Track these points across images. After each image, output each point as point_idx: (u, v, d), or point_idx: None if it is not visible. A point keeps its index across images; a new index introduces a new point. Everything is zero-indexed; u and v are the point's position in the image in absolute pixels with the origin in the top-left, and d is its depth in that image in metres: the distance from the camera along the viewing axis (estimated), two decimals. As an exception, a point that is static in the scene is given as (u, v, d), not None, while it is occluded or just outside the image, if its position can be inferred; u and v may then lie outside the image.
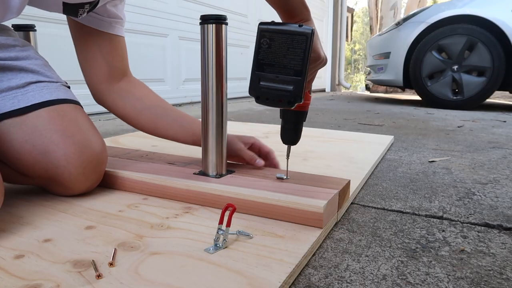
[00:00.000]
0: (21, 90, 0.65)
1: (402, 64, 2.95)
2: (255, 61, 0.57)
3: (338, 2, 5.52)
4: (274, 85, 0.56)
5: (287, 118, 0.67)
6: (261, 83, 0.57)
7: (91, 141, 0.67)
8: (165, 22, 2.46)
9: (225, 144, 0.73)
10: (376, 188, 0.85)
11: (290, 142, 0.69)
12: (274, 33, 0.55)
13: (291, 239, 0.54)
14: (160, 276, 0.44)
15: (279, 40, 0.55)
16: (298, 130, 0.68)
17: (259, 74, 0.57)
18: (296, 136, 0.68)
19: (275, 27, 0.55)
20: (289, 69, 0.56)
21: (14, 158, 0.64)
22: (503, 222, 0.66)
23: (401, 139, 1.49)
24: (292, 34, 0.55)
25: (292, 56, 0.55)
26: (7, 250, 0.50)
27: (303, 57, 0.55)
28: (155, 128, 0.81)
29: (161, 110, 0.81)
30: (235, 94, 3.33)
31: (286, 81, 0.56)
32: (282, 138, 0.69)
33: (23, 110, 0.63)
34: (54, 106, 0.66)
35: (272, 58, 0.56)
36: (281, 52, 0.55)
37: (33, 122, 0.63)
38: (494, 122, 2.09)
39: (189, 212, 0.64)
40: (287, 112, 0.67)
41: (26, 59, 0.68)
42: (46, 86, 0.67)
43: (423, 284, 0.46)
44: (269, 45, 0.55)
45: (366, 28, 17.19)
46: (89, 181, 0.68)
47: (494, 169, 1.03)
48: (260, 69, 0.56)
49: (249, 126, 1.66)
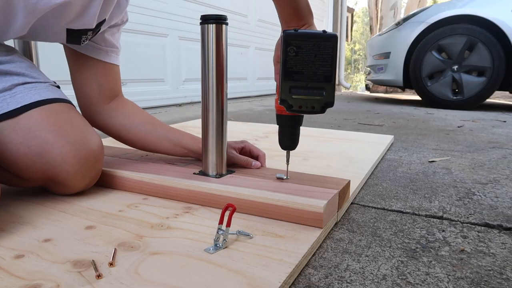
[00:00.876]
0: (8, 92, 0.64)
1: (402, 64, 2.95)
2: (283, 70, 0.56)
3: (338, 2, 5.51)
4: (305, 92, 0.57)
5: (285, 123, 0.67)
6: (292, 91, 0.57)
7: (87, 138, 0.67)
8: (165, 22, 2.46)
9: (225, 144, 0.74)
10: (376, 188, 0.85)
11: (288, 147, 0.69)
12: (300, 41, 0.55)
13: (291, 239, 0.54)
14: (160, 276, 0.44)
15: (306, 47, 0.55)
16: (295, 135, 0.68)
17: (289, 83, 0.56)
18: (294, 141, 0.68)
19: (301, 34, 0.55)
20: (319, 75, 0.56)
21: (10, 161, 0.64)
22: (503, 222, 0.66)
23: (401, 139, 1.49)
24: (318, 40, 0.55)
25: (320, 62, 0.56)
26: (7, 250, 0.50)
27: (331, 62, 0.56)
28: (145, 144, 0.83)
29: (150, 127, 0.82)
30: (235, 94, 3.33)
31: (317, 88, 0.56)
32: (281, 144, 0.69)
33: (14, 112, 0.63)
34: (45, 106, 0.66)
35: (300, 65, 0.56)
36: (309, 59, 0.56)
37: (26, 124, 0.63)
38: (494, 122, 2.09)
39: (189, 212, 0.64)
40: (284, 117, 0.67)
41: (10, 63, 0.67)
42: (34, 87, 0.67)
43: (423, 284, 0.46)
44: (296, 52, 0.55)
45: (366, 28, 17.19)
46: (87, 179, 0.68)
47: (494, 169, 1.03)
48: (290, 77, 0.56)
49: (249, 126, 1.66)
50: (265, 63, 3.73)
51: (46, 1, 0.61)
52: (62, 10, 0.64)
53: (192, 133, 0.83)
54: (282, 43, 0.56)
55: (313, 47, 0.55)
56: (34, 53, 0.90)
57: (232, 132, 1.43)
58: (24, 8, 0.60)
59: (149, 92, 2.40)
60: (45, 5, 0.61)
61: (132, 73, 2.24)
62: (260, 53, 3.66)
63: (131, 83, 2.24)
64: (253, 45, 3.52)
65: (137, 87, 2.30)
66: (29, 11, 0.61)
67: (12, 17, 0.61)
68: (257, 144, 1.19)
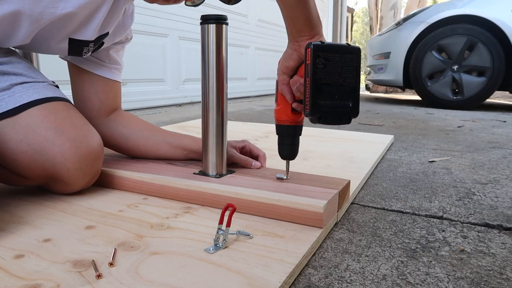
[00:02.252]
0: (7, 92, 0.64)
1: (402, 64, 2.95)
2: (313, 82, 0.57)
3: (338, 2, 5.52)
4: (334, 104, 0.58)
5: (284, 134, 0.67)
6: (321, 103, 0.57)
7: (86, 136, 0.67)
8: (165, 22, 2.46)
9: (225, 144, 0.73)
10: (376, 188, 0.85)
11: (288, 157, 0.69)
12: (328, 53, 0.56)
13: (291, 239, 0.54)
14: (160, 276, 0.44)
15: (334, 59, 0.56)
16: (295, 145, 0.68)
17: (318, 95, 0.57)
18: (294, 151, 0.69)
19: (328, 47, 0.56)
20: (345, 87, 0.58)
21: (10, 159, 0.64)
22: (503, 222, 0.66)
23: (401, 139, 1.49)
24: (344, 53, 0.57)
25: (346, 74, 0.57)
26: (7, 250, 0.50)
27: (356, 73, 0.58)
28: (145, 151, 0.83)
29: (148, 132, 0.83)
30: (235, 94, 3.33)
31: (345, 99, 0.58)
32: (280, 154, 0.69)
33: (14, 111, 0.63)
34: (45, 104, 0.66)
35: (328, 77, 0.57)
36: (336, 71, 0.57)
37: (26, 122, 0.63)
38: (494, 122, 2.09)
39: (189, 212, 0.64)
40: (284, 128, 0.67)
41: (9, 63, 0.68)
42: (32, 86, 0.67)
43: (423, 284, 0.46)
44: (325, 65, 0.56)
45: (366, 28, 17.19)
46: (87, 176, 0.68)
47: (494, 169, 1.03)
48: (319, 89, 0.57)
49: (249, 126, 1.66)
50: (265, 63, 3.73)
51: (51, 11, 0.61)
52: (66, 21, 0.64)
53: (192, 133, 0.83)
54: (311, 55, 0.56)
55: (339, 60, 0.57)
56: (34, 53, 0.89)
57: (232, 132, 1.43)
58: (30, 17, 0.61)
59: (149, 92, 2.40)
60: (51, 14, 0.61)
61: (132, 73, 2.24)
62: (260, 53, 3.66)
63: (131, 83, 2.24)
64: (253, 45, 3.52)
65: (137, 87, 2.30)
66: (34, 20, 0.61)
67: (17, 25, 0.62)
68: (257, 144, 1.19)
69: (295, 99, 0.64)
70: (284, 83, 0.64)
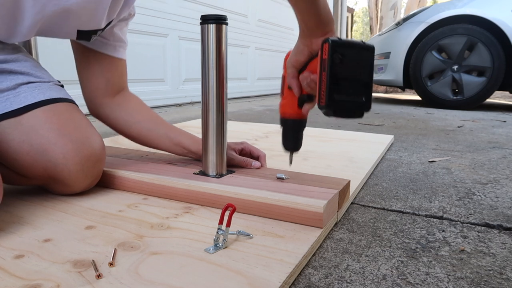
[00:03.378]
0: (12, 92, 0.65)
1: (402, 64, 2.95)
2: (329, 76, 0.57)
3: (338, 2, 5.52)
4: (349, 98, 0.59)
5: (289, 127, 0.68)
6: (336, 96, 0.58)
7: (89, 138, 0.67)
8: (165, 22, 2.46)
9: (225, 144, 0.73)
10: (376, 188, 0.85)
11: (292, 148, 0.69)
12: (345, 48, 0.57)
13: (291, 239, 0.54)
14: (160, 276, 0.44)
15: (350, 55, 0.57)
16: (299, 137, 0.69)
17: (334, 88, 0.58)
18: (297, 143, 0.69)
19: (345, 43, 0.57)
20: (359, 82, 0.59)
21: (12, 159, 0.64)
22: (503, 222, 0.66)
23: (401, 139, 1.49)
24: (360, 49, 0.58)
25: (361, 69, 0.58)
26: (7, 250, 0.50)
27: (370, 70, 0.59)
28: (145, 141, 0.83)
29: (151, 124, 0.83)
30: (235, 94, 3.33)
31: (358, 93, 0.59)
32: (284, 145, 0.70)
33: (17, 111, 0.64)
34: (49, 106, 0.66)
35: (344, 72, 0.58)
36: (352, 66, 0.58)
37: (29, 122, 0.63)
38: (494, 122, 2.09)
39: (189, 212, 0.64)
40: (288, 121, 0.68)
41: (15, 62, 0.68)
42: (37, 86, 0.67)
43: (423, 284, 0.46)
44: (341, 60, 0.57)
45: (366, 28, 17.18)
46: (88, 178, 0.68)
47: (494, 169, 1.03)
48: (335, 84, 0.57)
49: (249, 126, 1.66)
50: (265, 63, 3.73)
51: (55, 2, 0.61)
52: (69, 15, 0.64)
53: (192, 133, 0.83)
54: (329, 50, 0.56)
55: (355, 56, 0.58)
56: (34, 53, 0.89)
57: (232, 132, 1.43)
58: (33, 7, 0.60)
59: (149, 92, 2.40)
60: (55, 5, 0.61)
61: (132, 73, 2.22)
62: (260, 53, 3.66)
63: (131, 83, 2.23)
64: (253, 45, 3.52)
65: (137, 87, 2.30)
66: (37, 10, 0.61)
67: (20, 15, 0.61)
68: (257, 144, 1.19)
69: (301, 93, 0.65)
70: (294, 76, 0.64)
